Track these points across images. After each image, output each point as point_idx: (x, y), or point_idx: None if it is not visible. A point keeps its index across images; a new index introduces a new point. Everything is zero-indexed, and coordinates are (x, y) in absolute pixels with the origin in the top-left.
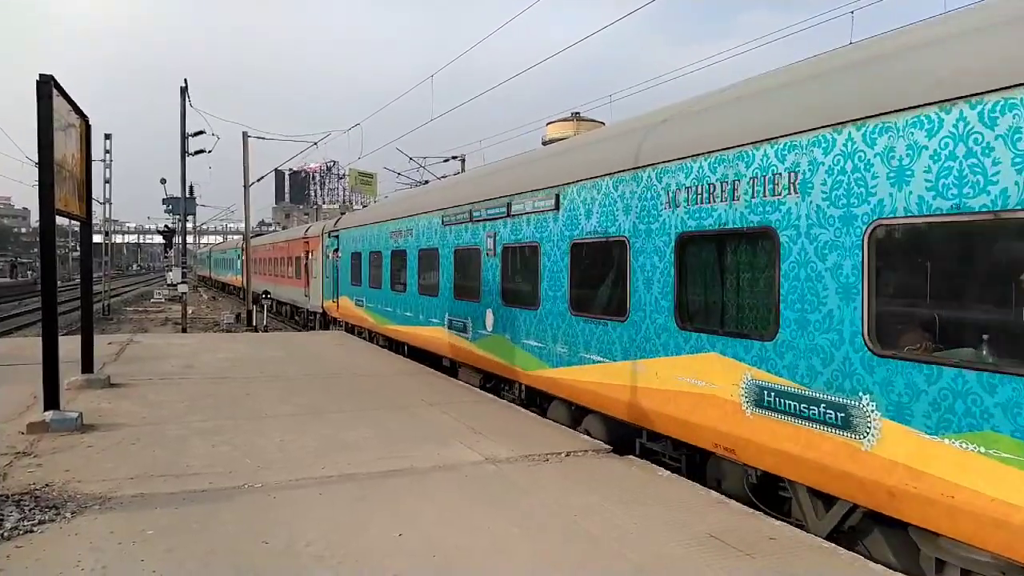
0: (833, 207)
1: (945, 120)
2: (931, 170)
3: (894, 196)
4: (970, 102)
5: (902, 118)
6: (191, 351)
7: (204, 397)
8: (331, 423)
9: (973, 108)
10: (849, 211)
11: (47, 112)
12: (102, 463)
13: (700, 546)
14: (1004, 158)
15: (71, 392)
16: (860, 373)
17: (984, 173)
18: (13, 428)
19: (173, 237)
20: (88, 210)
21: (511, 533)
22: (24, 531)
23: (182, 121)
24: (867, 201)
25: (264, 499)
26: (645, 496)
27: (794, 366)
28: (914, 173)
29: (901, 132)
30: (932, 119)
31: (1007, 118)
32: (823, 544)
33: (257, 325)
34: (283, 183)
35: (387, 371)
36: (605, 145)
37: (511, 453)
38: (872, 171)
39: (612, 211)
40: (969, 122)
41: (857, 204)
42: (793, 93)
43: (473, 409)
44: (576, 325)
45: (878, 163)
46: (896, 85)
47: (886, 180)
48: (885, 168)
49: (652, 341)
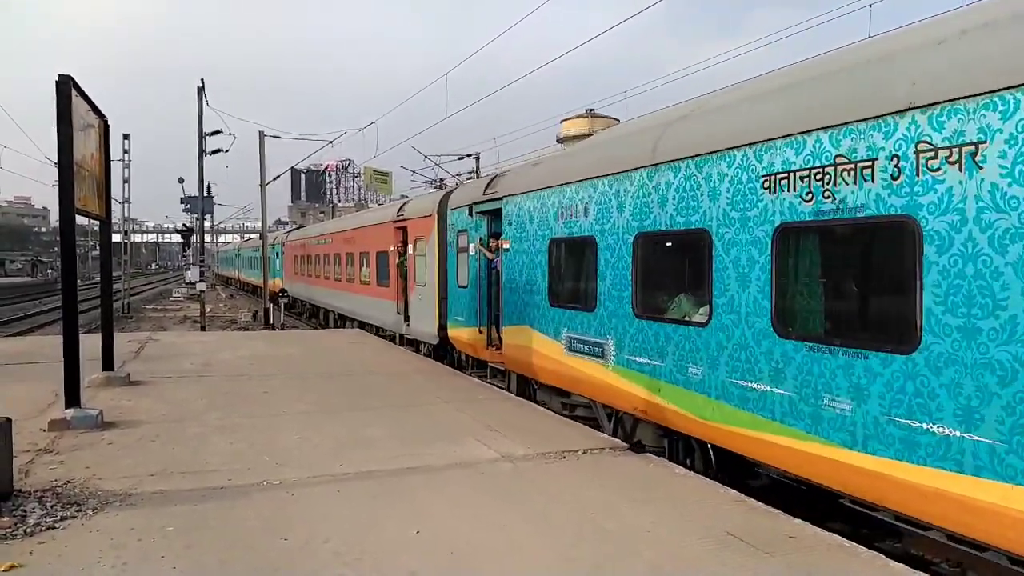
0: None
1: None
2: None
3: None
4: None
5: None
6: (209, 349)
7: (222, 395)
8: (348, 421)
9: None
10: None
11: (66, 113)
12: (122, 460)
13: (718, 544)
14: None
15: (92, 390)
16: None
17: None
18: (35, 425)
19: (192, 236)
20: (107, 209)
21: (527, 530)
22: (46, 527)
23: (199, 121)
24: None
25: (282, 496)
26: (662, 494)
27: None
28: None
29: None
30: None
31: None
32: (843, 543)
33: (274, 323)
34: (299, 182)
35: (403, 369)
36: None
37: (527, 451)
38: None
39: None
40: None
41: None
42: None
43: (489, 407)
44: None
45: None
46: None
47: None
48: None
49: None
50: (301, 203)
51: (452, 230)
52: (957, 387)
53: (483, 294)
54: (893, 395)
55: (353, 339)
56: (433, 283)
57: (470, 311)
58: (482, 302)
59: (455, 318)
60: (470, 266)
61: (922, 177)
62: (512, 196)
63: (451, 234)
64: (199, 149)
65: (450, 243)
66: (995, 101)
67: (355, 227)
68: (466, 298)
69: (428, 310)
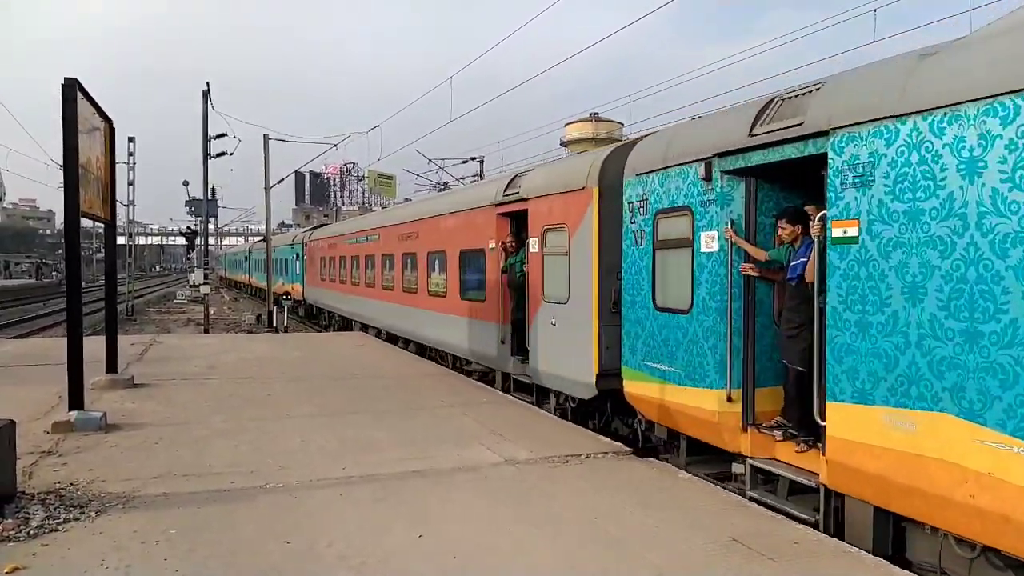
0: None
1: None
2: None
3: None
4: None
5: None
6: (213, 352)
7: (226, 397)
8: (352, 424)
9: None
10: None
11: (72, 115)
12: (126, 463)
13: (722, 549)
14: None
15: (95, 392)
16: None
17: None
18: (39, 427)
19: (196, 239)
20: (112, 212)
21: (531, 535)
22: (49, 529)
23: (204, 124)
24: None
25: (286, 499)
26: (666, 498)
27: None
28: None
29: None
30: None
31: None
32: (848, 548)
33: (277, 326)
34: (303, 185)
35: (407, 372)
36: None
37: (531, 455)
38: None
39: None
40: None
41: None
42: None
43: (493, 411)
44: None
45: None
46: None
47: None
48: None
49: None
50: (305, 206)
51: (640, 210)
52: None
53: (735, 328)
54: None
55: (357, 342)
56: (586, 298)
57: (696, 356)
58: (735, 343)
59: (644, 363)
60: (701, 274)
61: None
62: (889, 122)
63: (636, 217)
64: (204, 152)
65: (634, 232)
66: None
67: (421, 217)
68: (683, 330)
69: (571, 341)
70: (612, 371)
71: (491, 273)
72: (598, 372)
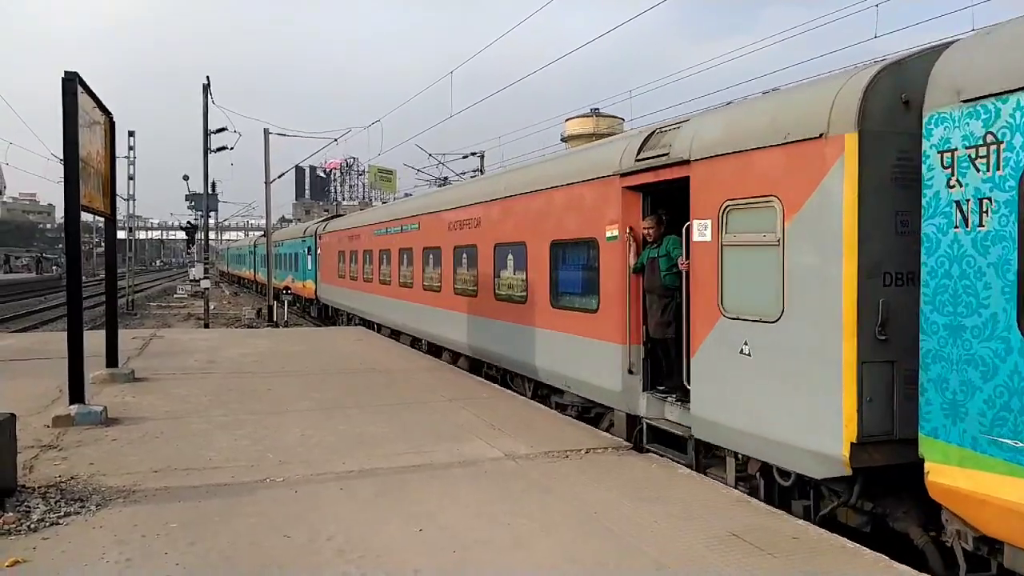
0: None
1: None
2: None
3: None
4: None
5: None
6: (213, 346)
7: (226, 391)
8: (351, 418)
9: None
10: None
11: (72, 109)
12: (126, 456)
13: (721, 544)
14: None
15: (96, 386)
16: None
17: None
18: (39, 421)
19: (196, 233)
20: (112, 206)
21: (530, 529)
22: (50, 523)
23: (204, 118)
24: None
25: (285, 493)
26: (665, 494)
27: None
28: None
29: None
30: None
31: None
32: (847, 544)
33: (277, 321)
34: (303, 180)
35: (407, 367)
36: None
37: (530, 449)
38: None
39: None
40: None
41: None
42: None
43: (493, 405)
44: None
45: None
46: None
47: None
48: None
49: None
50: (305, 200)
51: (976, 163)
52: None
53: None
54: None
55: (357, 337)
56: (825, 315)
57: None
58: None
59: (992, 436)
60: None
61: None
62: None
63: (963, 177)
64: (204, 146)
65: (958, 203)
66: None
67: (482, 200)
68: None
69: (786, 382)
70: (877, 438)
71: (608, 273)
72: (856, 440)
